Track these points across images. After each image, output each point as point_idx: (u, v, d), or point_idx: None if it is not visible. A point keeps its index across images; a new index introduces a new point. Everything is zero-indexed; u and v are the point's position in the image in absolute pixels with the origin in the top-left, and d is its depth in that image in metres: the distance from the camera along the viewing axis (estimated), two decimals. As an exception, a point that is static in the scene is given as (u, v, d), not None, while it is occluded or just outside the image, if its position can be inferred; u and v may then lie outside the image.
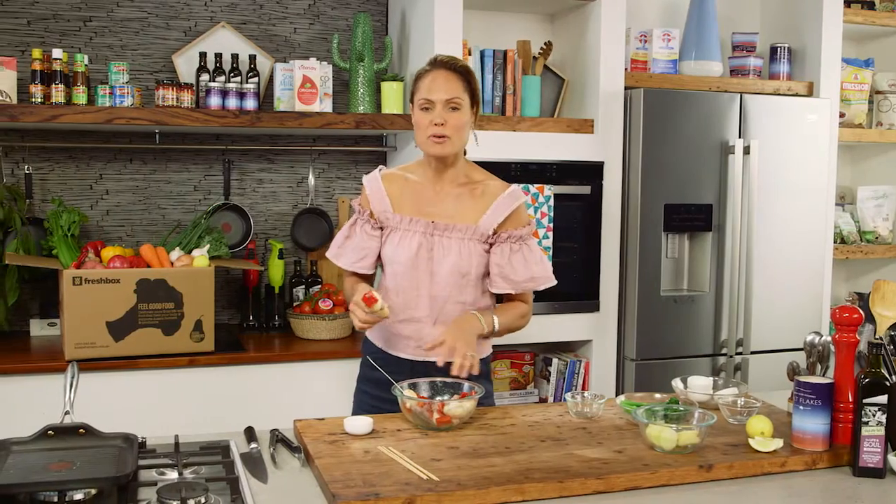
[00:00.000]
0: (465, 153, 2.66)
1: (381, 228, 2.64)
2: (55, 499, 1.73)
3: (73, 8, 3.78)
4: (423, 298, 2.58)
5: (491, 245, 2.60)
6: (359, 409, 2.69)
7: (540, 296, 3.76)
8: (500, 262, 2.59)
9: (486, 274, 2.62)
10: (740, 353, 4.01)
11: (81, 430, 1.97)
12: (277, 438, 2.20)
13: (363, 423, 2.20)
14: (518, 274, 2.59)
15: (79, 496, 1.77)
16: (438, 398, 2.34)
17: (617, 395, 3.75)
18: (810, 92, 4.26)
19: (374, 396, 2.65)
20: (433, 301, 2.58)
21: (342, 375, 2.77)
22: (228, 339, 3.68)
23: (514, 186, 2.66)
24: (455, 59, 2.59)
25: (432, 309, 2.58)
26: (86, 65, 3.51)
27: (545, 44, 4.06)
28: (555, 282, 2.68)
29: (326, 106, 3.73)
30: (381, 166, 2.74)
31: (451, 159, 2.59)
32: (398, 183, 2.65)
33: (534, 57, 4.04)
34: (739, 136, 3.95)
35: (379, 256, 2.66)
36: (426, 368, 2.54)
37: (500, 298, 2.73)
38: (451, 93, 2.51)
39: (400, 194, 2.63)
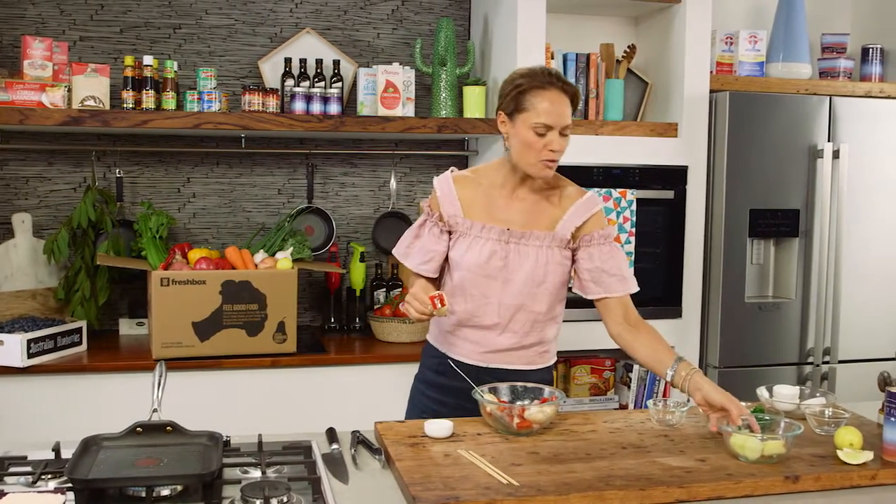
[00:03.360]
0: None
1: (450, 232, 2.57)
2: (143, 494, 1.78)
3: (164, 16, 3.88)
4: (492, 306, 2.52)
5: (574, 251, 2.54)
6: (415, 410, 2.65)
7: (621, 301, 3.73)
8: (590, 266, 2.50)
9: (565, 281, 2.56)
10: (827, 362, 3.91)
11: (168, 428, 2.01)
12: (358, 440, 2.22)
13: (443, 427, 2.21)
14: (612, 276, 2.50)
15: (165, 492, 1.81)
16: (519, 403, 2.33)
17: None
18: (903, 94, 4.14)
19: (436, 401, 2.61)
20: (503, 309, 2.51)
21: (422, 378, 2.78)
22: (310, 340, 3.72)
23: (591, 192, 2.58)
24: (565, 78, 2.46)
25: (501, 317, 2.52)
26: (175, 71, 3.59)
27: (629, 47, 4.03)
28: (638, 288, 2.59)
29: (409, 110, 3.76)
30: (452, 168, 2.65)
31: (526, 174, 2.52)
32: (470, 187, 2.57)
33: (617, 60, 4.00)
34: (829, 140, 3.86)
35: (446, 259, 2.60)
36: (493, 375, 2.52)
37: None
38: (567, 119, 2.41)
39: (471, 199, 2.55)
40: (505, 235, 2.50)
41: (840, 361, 3.92)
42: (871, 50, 4.20)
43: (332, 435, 2.24)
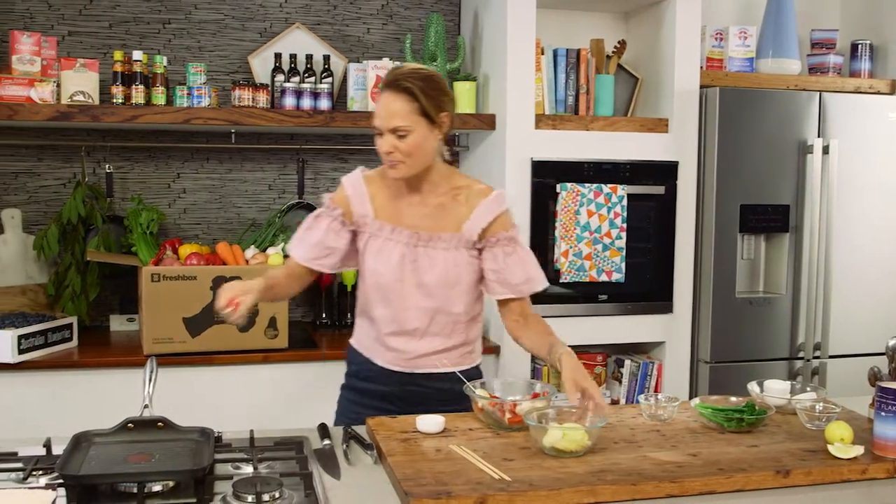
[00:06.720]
0: (446, 157, 2.54)
1: (354, 232, 2.52)
2: (134, 490, 1.77)
3: (153, 11, 3.86)
4: (411, 311, 2.47)
5: (479, 250, 2.49)
6: (342, 416, 2.61)
7: (612, 297, 3.75)
8: (495, 266, 2.46)
9: (479, 280, 2.52)
10: (818, 357, 3.92)
11: (160, 424, 2.01)
12: (350, 435, 2.22)
13: (435, 422, 2.21)
14: (516, 277, 2.47)
15: (157, 488, 1.80)
16: (511, 398, 2.32)
17: (690, 397, 3.70)
18: (893, 90, 4.15)
19: (358, 404, 2.57)
20: (422, 313, 2.47)
21: (413, 374, 2.78)
22: (302, 336, 3.72)
23: (500, 191, 2.52)
24: (403, 77, 2.35)
25: (421, 322, 2.47)
26: (165, 66, 3.58)
27: (619, 42, 4.03)
28: (547, 284, 2.56)
29: (399, 106, 3.74)
30: (361, 167, 2.59)
31: (420, 174, 2.44)
32: (380, 187, 2.52)
33: (607, 56, 4.00)
34: (818, 136, 3.87)
35: (353, 261, 2.56)
36: (415, 380, 2.50)
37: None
38: (394, 121, 2.33)
39: (381, 199, 2.50)
40: (413, 239, 2.45)
41: (831, 356, 3.93)
42: (860, 46, 4.21)
43: (323, 430, 2.24)
